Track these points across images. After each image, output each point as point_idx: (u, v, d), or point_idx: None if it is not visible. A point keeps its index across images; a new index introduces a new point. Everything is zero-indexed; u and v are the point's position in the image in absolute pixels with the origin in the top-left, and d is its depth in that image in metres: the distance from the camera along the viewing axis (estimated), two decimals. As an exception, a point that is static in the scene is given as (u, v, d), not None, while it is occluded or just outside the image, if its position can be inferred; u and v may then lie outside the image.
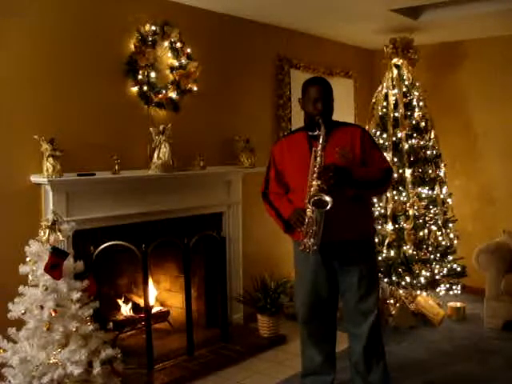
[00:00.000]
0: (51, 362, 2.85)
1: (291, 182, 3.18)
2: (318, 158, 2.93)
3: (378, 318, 3.22)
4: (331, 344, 3.34)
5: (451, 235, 5.04)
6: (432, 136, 5.09)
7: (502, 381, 3.70)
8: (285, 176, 3.21)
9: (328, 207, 2.84)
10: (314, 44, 5.44)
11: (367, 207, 3.29)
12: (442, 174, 5.10)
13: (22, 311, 2.90)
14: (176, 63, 4.14)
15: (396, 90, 5.10)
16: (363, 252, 3.18)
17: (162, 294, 4.59)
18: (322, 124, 2.98)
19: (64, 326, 2.89)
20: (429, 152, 5.03)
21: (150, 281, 4.17)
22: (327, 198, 2.85)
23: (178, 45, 4.13)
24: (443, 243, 4.94)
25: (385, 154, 4.95)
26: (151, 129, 3.91)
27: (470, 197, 5.65)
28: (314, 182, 2.91)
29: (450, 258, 4.96)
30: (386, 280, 4.82)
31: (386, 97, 5.13)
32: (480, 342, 4.38)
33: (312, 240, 2.92)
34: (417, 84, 5.19)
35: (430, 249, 4.90)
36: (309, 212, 2.90)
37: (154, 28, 3.98)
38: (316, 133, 3.05)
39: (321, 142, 2.96)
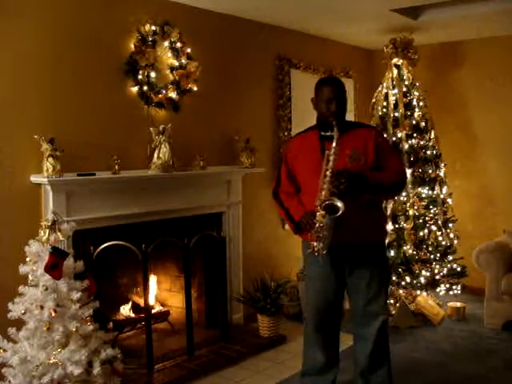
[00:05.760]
0: (51, 362, 2.85)
1: (302, 182, 3.13)
2: (331, 163, 2.86)
3: (386, 321, 3.18)
4: (335, 346, 3.30)
5: (451, 235, 5.04)
6: (432, 136, 5.09)
7: (502, 381, 3.70)
8: (296, 176, 3.16)
9: (339, 213, 2.78)
10: (313, 44, 5.45)
11: (379, 210, 3.21)
12: (442, 174, 5.10)
13: (22, 311, 2.90)
14: (176, 63, 4.14)
15: (396, 90, 5.10)
16: (374, 255, 3.12)
17: (162, 293, 4.59)
18: (336, 127, 2.90)
19: (64, 326, 2.88)
20: (429, 152, 5.03)
21: (150, 281, 4.17)
22: (339, 204, 2.79)
23: (178, 45, 4.13)
24: (443, 243, 4.94)
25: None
26: (151, 129, 3.91)
27: (470, 197, 5.65)
28: (325, 186, 2.85)
29: (450, 258, 4.96)
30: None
31: (386, 97, 5.13)
32: (480, 342, 4.38)
33: (321, 244, 2.88)
34: (417, 84, 5.19)
35: (430, 249, 4.89)
36: (319, 216, 2.84)
37: (154, 28, 3.97)
38: (328, 133, 2.98)
39: (334, 145, 2.88)
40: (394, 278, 4.80)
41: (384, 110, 5.12)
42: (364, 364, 3.20)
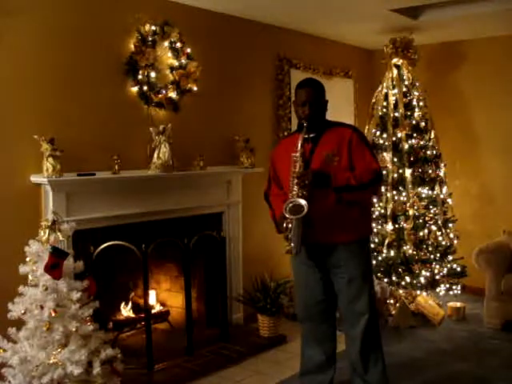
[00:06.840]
0: (51, 362, 2.85)
1: (283, 184, 3.17)
2: (297, 164, 2.93)
3: (373, 320, 3.17)
4: (331, 343, 3.33)
5: (451, 235, 5.04)
6: (432, 136, 5.10)
7: (502, 381, 3.69)
8: (279, 177, 3.22)
9: (303, 213, 2.84)
10: (313, 44, 5.45)
11: (359, 210, 3.11)
12: (441, 174, 5.11)
13: (22, 311, 2.90)
14: (176, 63, 4.14)
15: (396, 90, 5.10)
16: (352, 254, 3.11)
17: (162, 294, 4.59)
18: (304, 130, 2.99)
19: (64, 326, 2.88)
20: (429, 152, 5.04)
21: (150, 281, 4.16)
22: (302, 202, 2.85)
23: (178, 45, 4.13)
24: (443, 243, 4.94)
25: (384, 153, 4.98)
26: (151, 129, 3.91)
27: (470, 197, 5.65)
28: (293, 188, 2.92)
29: (450, 258, 4.97)
30: (386, 280, 4.83)
31: (386, 97, 5.14)
32: (480, 342, 4.38)
33: (292, 244, 2.94)
34: (417, 84, 5.20)
35: (430, 249, 4.90)
36: (287, 218, 2.92)
37: (154, 28, 3.98)
38: (306, 136, 3.03)
39: (298, 148, 2.95)
40: (393, 278, 4.81)
41: (384, 109, 5.12)
42: (356, 364, 3.21)
